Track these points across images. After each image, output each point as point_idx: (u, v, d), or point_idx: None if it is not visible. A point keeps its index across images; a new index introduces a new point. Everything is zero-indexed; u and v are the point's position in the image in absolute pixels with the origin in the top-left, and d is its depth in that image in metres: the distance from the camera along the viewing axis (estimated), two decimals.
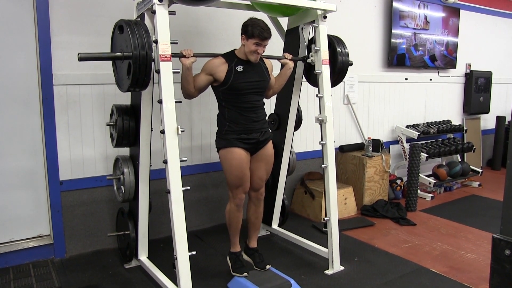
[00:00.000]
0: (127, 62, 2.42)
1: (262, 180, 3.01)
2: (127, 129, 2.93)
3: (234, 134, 2.81)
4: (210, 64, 2.78)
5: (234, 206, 2.93)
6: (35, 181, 3.34)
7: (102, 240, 3.55)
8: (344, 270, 3.20)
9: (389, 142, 5.46)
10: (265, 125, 2.95)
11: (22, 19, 3.13)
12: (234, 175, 2.83)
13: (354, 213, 4.54)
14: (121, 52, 2.45)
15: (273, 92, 3.13)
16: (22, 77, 3.19)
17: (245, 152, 2.84)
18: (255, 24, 2.70)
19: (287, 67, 3.05)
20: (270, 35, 2.74)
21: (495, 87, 6.67)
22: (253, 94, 2.83)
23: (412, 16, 5.37)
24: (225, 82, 2.76)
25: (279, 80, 3.09)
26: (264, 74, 2.90)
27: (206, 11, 3.78)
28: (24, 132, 3.25)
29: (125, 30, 2.40)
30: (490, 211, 4.69)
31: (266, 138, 2.94)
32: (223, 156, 2.85)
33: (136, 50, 2.34)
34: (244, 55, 2.79)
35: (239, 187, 2.87)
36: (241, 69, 2.77)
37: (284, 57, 3.07)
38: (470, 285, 2.99)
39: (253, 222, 3.12)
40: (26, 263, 3.28)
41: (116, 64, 2.67)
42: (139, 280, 3.04)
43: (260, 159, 2.94)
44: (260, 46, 2.73)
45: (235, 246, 3.07)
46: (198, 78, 2.78)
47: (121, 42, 2.49)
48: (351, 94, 4.97)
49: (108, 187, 3.51)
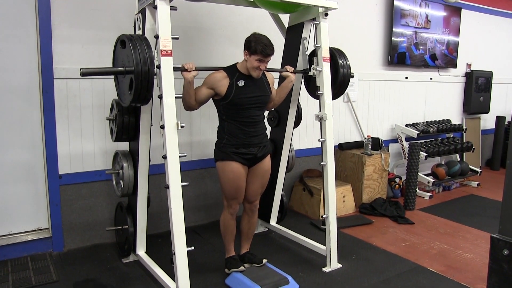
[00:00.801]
0: (129, 77, 2.43)
1: (257, 194, 3.02)
2: (127, 124, 2.93)
3: (233, 148, 2.80)
4: (212, 78, 2.76)
5: (228, 215, 2.95)
6: (34, 175, 3.34)
7: (101, 234, 3.55)
8: (342, 267, 3.21)
9: (388, 140, 5.47)
10: (265, 140, 2.94)
11: (23, 12, 3.13)
12: (230, 187, 2.84)
13: (353, 211, 4.55)
14: (123, 67, 2.45)
15: (274, 104, 3.11)
16: (22, 71, 3.18)
17: (242, 166, 2.84)
18: (258, 41, 2.67)
19: (288, 80, 3.03)
20: (273, 52, 2.72)
21: (495, 87, 6.67)
22: (253, 109, 2.81)
23: (413, 15, 5.37)
24: (226, 97, 2.74)
25: (280, 93, 3.07)
26: (265, 88, 2.88)
27: (208, 7, 3.77)
28: (24, 126, 3.25)
29: (127, 45, 2.40)
30: (488, 211, 4.70)
31: (264, 154, 2.92)
32: (221, 168, 2.85)
33: (138, 66, 2.35)
34: (246, 70, 2.77)
35: (234, 199, 2.90)
36: (243, 84, 2.75)
37: (286, 69, 3.05)
38: (467, 285, 3.00)
39: (246, 233, 3.13)
40: (24, 256, 3.28)
41: (118, 78, 2.68)
42: (137, 275, 3.04)
43: (257, 173, 2.94)
44: (262, 62, 2.71)
45: (230, 252, 3.07)
46: (199, 91, 2.75)
47: (123, 56, 2.49)
48: (351, 92, 4.97)
49: (107, 182, 3.51)
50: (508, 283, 1.16)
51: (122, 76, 2.54)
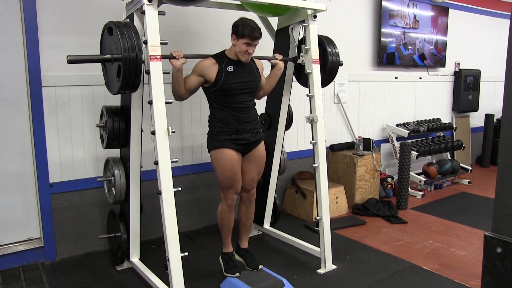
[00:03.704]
0: (117, 64, 2.41)
1: (254, 181, 3.01)
2: (117, 131, 2.91)
3: (225, 135, 2.80)
4: (201, 65, 2.77)
5: (225, 206, 2.92)
6: (25, 184, 3.31)
7: (93, 242, 3.52)
8: (336, 269, 3.21)
9: (379, 140, 5.49)
10: (257, 126, 2.94)
11: (8, 19, 3.09)
12: (225, 176, 2.82)
13: (346, 212, 4.56)
14: (110, 54, 2.43)
15: (264, 93, 3.12)
16: (10, 79, 3.15)
17: (236, 153, 2.83)
18: (246, 24, 2.69)
19: (277, 68, 3.05)
20: (260, 34, 2.74)
21: (483, 86, 6.73)
22: (244, 94, 2.82)
23: (401, 15, 5.41)
24: (216, 83, 2.74)
25: (270, 81, 3.09)
26: (255, 74, 2.89)
27: (196, 11, 3.76)
28: (13, 134, 3.22)
29: (115, 32, 2.38)
30: (479, 208, 4.73)
31: (258, 139, 2.92)
32: (214, 157, 2.84)
33: (126, 52, 2.33)
34: (235, 55, 2.78)
35: (231, 188, 2.87)
36: (232, 70, 2.76)
37: (275, 57, 3.07)
38: (461, 282, 3.02)
39: (244, 223, 3.12)
40: (16, 267, 3.24)
41: (105, 66, 2.65)
42: (131, 282, 3.02)
43: (252, 159, 2.93)
44: (250, 46, 2.73)
45: (227, 246, 3.06)
46: (189, 79, 2.76)
47: (110, 44, 2.47)
48: (342, 93, 4.99)
49: (98, 189, 3.48)
50: (502, 281, 1.16)
51: (110, 63, 2.51)
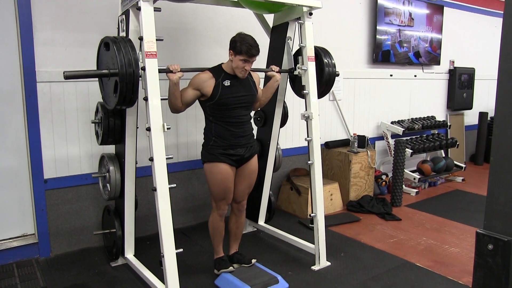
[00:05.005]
0: (114, 79, 2.40)
1: (245, 194, 3.02)
2: (112, 127, 2.90)
3: (220, 149, 2.79)
4: (197, 79, 2.75)
5: (217, 216, 2.94)
6: (19, 180, 3.29)
7: (88, 239, 3.52)
8: (331, 265, 3.23)
9: (374, 138, 5.51)
10: (252, 140, 2.94)
11: (2, 14, 3.07)
12: (219, 188, 2.83)
13: (340, 209, 4.58)
14: (107, 69, 2.42)
15: (260, 104, 3.10)
16: (4, 74, 3.13)
17: (230, 167, 2.83)
18: (243, 41, 2.66)
19: (274, 80, 3.02)
20: (258, 52, 2.71)
21: (478, 84, 6.77)
22: (240, 108, 2.80)
23: (397, 13, 5.42)
24: (212, 97, 2.72)
25: (266, 93, 3.06)
26: (251, 88, 2.87)
27: (192, 7, 3.76)
28: (7, 130, 3.20)
29: (111, 47, 2.38)
30: (473, 205, 4.77)
31: (251, 154, 2.92)
32: (208, 170, 2.84)
33: (123, 68, 2.33)
34: (232, 70, 2.76)
35: (223, 200, 2.89)
36: (228, 84, 2.74)
37: (271, 69, 3.05)
38: (454, 278, 3.04)
39: (234, 232, 3.13)
40: (10, 263, 3.23)
41: (102, 81, 2.65)
42: (126, 278, 3.02)
43: (244, 174, 2.94)
44: (247, 62, 2.71)
45: (219, 253, 3.07)
46: (185, 93, 2.74)
47: (107, 59, 2.47)
48: (337, 90, 5.00)
49: (93, 185, 3.48)
50: (493, 277, 1.18)
51: (107, 78, 2.51)
